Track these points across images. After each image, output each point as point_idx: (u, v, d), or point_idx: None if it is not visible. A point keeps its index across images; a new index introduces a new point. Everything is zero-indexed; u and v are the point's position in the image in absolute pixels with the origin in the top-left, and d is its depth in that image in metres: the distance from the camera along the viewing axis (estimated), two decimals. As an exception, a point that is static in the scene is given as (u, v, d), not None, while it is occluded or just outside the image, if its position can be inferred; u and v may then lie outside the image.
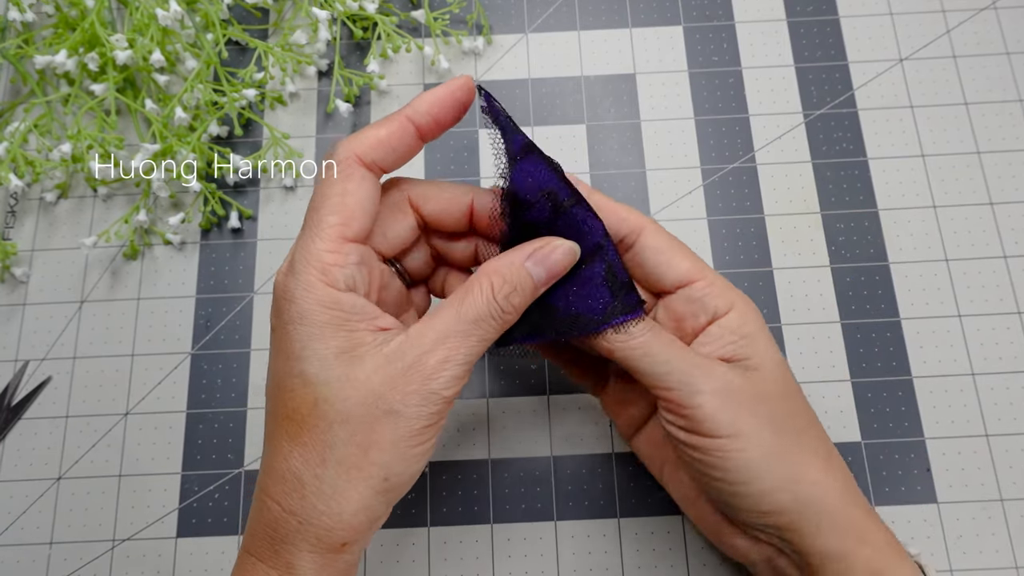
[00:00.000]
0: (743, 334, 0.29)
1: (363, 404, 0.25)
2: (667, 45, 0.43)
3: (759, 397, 0.28)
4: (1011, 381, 0.37)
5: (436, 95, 0.28)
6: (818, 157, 0.41)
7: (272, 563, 0.25)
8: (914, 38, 0.43)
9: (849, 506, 0.27)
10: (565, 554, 0.35)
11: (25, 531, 0.36)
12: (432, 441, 0.26)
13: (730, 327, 0.29)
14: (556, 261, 0.27)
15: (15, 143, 0.39)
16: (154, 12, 0.39)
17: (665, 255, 0.29)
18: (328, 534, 0.25)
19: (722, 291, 0.29)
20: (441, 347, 0.25)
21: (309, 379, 0.25)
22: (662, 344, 0.27)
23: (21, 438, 0.38)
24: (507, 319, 0.27)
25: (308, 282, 0.25)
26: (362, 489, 0.25)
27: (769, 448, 0.27)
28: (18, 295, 0.40)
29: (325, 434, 0.25)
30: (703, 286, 0.29)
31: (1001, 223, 0.40)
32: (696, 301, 0.29)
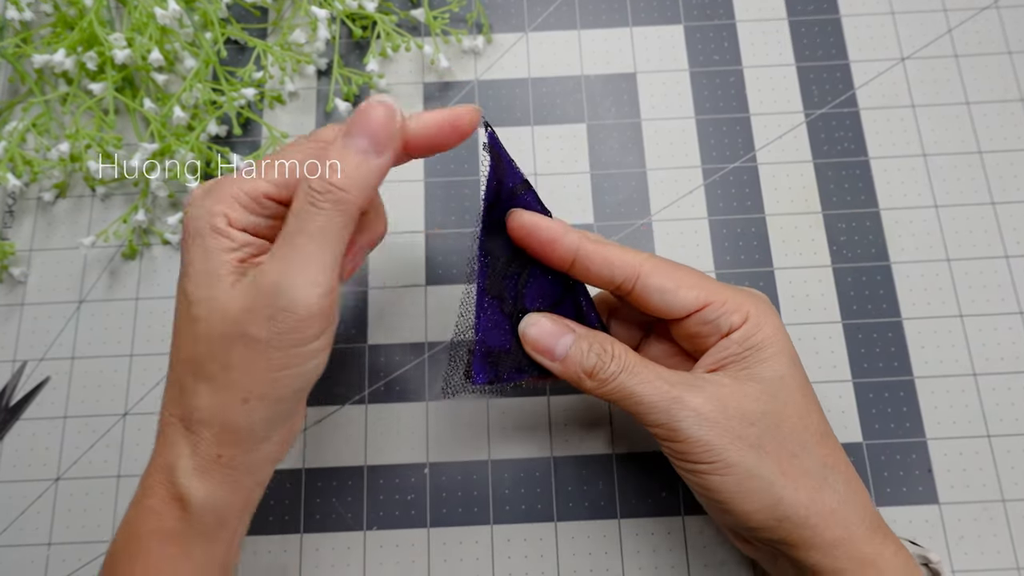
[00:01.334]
0: (749, 346, 0.28)
1: (222, 323, 0.26)
2: (668, 44, 0.43)
3: (748, 417, 0.27)
4: (1013, 381, 0.37)
5: (436, 119, 0.28)
6: (819, 156, 0.41)
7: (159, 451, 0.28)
8: (915, 37, 0.43)
9: (840, 525, 0.27)
10: (565, 555, 0.35)
11: (24, 532, 0.36)
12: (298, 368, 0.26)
13: (736, 339, 0.28)
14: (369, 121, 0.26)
15: (13, 142, 0.39)
16: (153, 11, 0.39)
17: (668, 293, 0.29)
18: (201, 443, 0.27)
19: (737, 306, 0.29)
20: (277, 260, 0.26)
21: (188, 295, 0.27)
22: (636, 382, 0.28)
23: (19, 439, 0.37)
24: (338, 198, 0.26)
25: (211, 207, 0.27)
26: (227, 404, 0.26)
27: (751, 472, 0.27)
28: (16, 295, 0.40)
29: (193, 348, 0.27)
30: (715, 307, 0.29)
31: (1003, 223, 0.39)
32: (710, 323, 0.29)
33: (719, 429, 0.27)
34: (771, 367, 0.28)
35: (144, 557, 0.27)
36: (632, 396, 0.28)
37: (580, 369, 0.29)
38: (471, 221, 0.40)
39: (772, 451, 0.27)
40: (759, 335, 0.28)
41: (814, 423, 0.29)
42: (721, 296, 0.29)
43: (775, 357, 0.28)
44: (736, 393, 0.28)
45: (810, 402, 0.29)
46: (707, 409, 0.27)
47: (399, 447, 0.37)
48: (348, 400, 0.38)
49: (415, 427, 0.37)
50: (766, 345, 0.28)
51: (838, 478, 0.28)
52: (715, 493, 0.27)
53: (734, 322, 0.28)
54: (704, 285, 0.29)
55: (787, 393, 0.28)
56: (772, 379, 0.28)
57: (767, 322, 0.29)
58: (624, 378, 0.28)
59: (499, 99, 0.42)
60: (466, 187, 0.41)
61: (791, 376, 0.28)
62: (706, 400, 0.27)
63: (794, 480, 0.27)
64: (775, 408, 0.28)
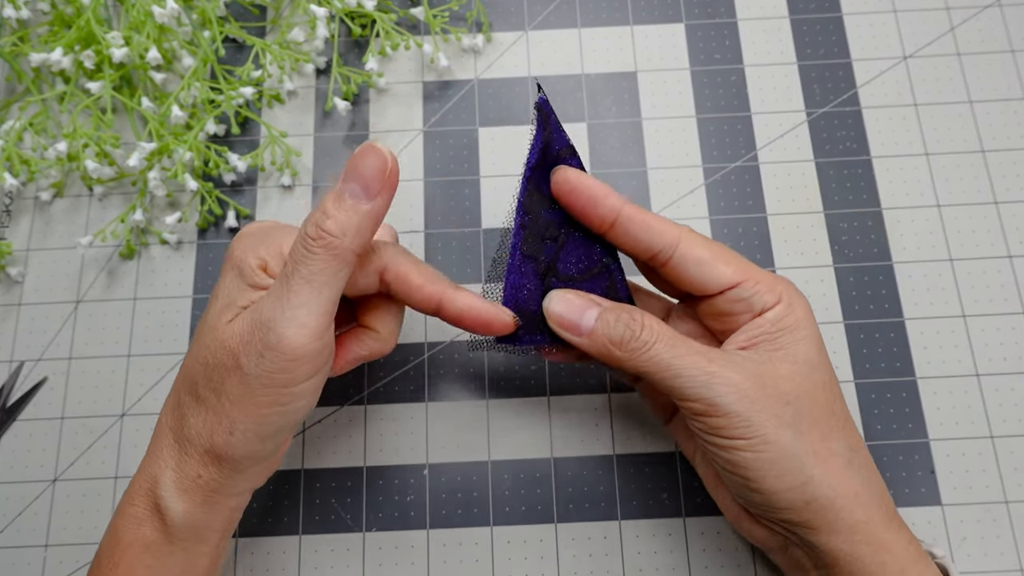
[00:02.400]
0: (782, 327, 0.28)
1: (219, 353, 0.27)
2: (669, 43, 0.43)
3: (784, 397, 0.27)
4: (1016, 382, 0.37)
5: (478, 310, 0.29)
6: (821, 156, 0.41)
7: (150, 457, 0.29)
8: (918, 36, 0.43)
9: (863, 508, 0.27)
10: (565, 556, 0.35)
11: (21, 533, 0.36)
12: (283, 408, 0.27)
13: (770, 318, 0.28)
14: (362, 167, 0.27)
15: (10, 141, 0.39)
16: (150, 9, 0.38)
17: (706, 265, 0.29)
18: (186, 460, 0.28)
19: (770, 286, 0.29)
20: (273, 300, 0.26)
21: (207, 317, 0.29)
22: (674, 355, 0.27)
23: (16, 440, 0.37)
24: (325, 245, 0.26)
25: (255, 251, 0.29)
26: (215, 430, 0.27)
27: (787, 450, 0.27)
28: (13, 295, 0.39)
29: (195, 368, 0.28)
30: (750, 285, 0.29)
31: (1006, 222, 0.39)
32: (743, 300, 0.29)
33: (759, 405, 0.27)
34: (803, 350, 0.28)
35: (125, 565, 0.28)
36: (669, 368, 0.27)
37: (608, 340, 0.28)
38: (471, 220, 0.40)
39: (806, 430, 0.27)
40: (791, 317, 0.28)
41: (839, 408, 0.29)
42: (756, 275, 0.29)
43: (806, 340, 0.28)
44: (772, 372, 0.28)
45: (836, 387, 0.29)
46: (747, 385, 0.27)
47: (399, 448, 0.37)
48: (348, 400, 0.37)
49: (415, 428, 0.37)
50: (798, 327, 0.28)
51: (862, 462, 0.28)
52: (748, 471, 0.27)
53: (767, 301, 0.28)
54: (740, 262, 0.29)
55: (817, 376, 0.28)
56: (805, 361, 0.28)
57: (799, 304, 0.29)
58: (660, 348, 0.27)
59: (499, 98, 0.42)
60: (466, 187, 0.41)
61: (820, 361, 0.29)
62: (745, 376, 0.27)
63: (824, 461, 0.27)
64: (807, 390, 0.28)
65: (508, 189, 0.41)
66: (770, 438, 0.27)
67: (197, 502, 0.28)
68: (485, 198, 0.40)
